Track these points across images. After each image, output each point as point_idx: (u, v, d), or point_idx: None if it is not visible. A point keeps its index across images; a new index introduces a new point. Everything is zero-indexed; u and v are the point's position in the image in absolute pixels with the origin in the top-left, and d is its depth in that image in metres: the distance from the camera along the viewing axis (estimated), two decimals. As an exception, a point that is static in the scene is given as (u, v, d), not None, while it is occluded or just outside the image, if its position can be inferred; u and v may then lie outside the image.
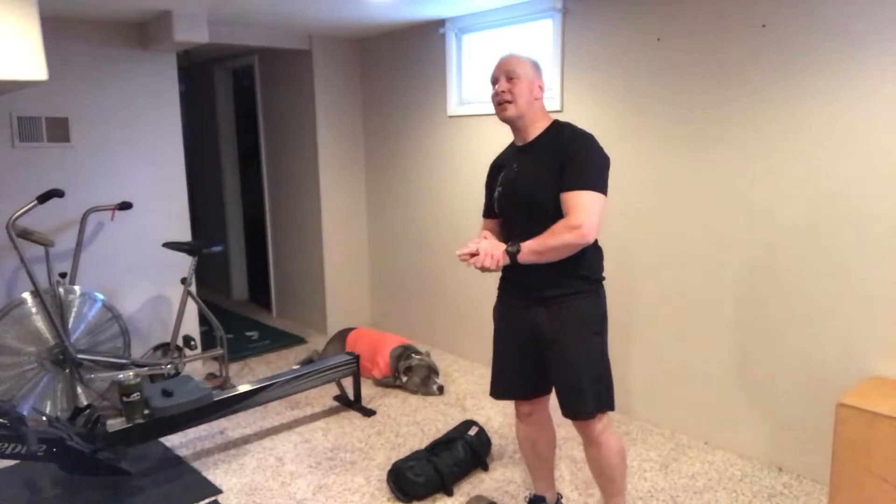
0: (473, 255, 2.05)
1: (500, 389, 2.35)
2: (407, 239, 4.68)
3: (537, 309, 2.16)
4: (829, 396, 2.65)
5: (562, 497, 2.62)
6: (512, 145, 2.29)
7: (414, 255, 4.64)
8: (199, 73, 5.87)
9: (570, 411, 2.17)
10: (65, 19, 3.64)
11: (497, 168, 2.32)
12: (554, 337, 2.14)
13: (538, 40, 3.66)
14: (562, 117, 3.49)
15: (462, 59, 4.09)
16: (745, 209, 2.88)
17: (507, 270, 2.20)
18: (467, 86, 4.10)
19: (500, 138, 3.90)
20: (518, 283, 2.22)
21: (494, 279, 2.36)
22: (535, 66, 2.18)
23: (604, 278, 2.22)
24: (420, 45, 4.29)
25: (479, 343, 4.24)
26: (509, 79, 2.12)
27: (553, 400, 2.28)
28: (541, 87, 2.18)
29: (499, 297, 2.35)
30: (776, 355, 2.86)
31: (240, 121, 5.82)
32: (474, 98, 4.05)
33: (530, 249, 2.05)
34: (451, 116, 4.17)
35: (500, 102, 2.14)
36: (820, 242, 2.67)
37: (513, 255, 2.05)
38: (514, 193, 2.18)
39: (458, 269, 4.28)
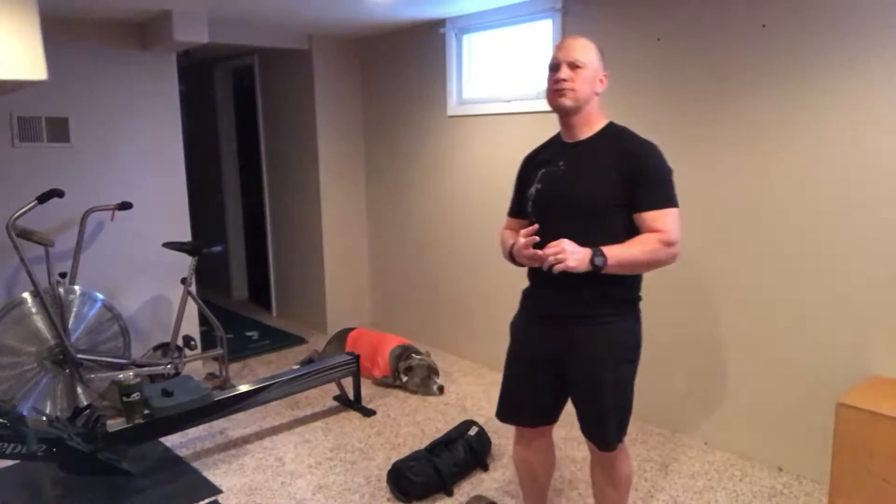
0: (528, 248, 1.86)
1: (506, 412, 2.17)
2: (407, 239, 4.68)
3: (566, 330, 1.98)
4: (829, 396, 2.65)
5: None
6: (556, 141, 2.08)
7: (414, 255, 4.64)
8: (199, 73, 5.87)
9: (591, 437, 2.05)
10: (65, 19, 3.64)
11: (535, 163, 2.08)
12: (583, 361, 1.97)
13: (538, 40, 3.66)
14: (562, 117, 3.53)
15: (462, 59, 4.08)
16: (745, 209, 2.88)
17: (533, 284, 2.07)
18: (467, 86, 4.10)
19: (499, 138, 3.93)
20: (546, 301, 2.02)
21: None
22: (601, 55, 1.97)
23: (640, 297, 2.04)
24: (420, 45, 4.29)
25: (479, 343, 4.24)
26: (573, 67, 1.91)
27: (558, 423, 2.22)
28: (603, 79, 1.98)
29: (519, 313, 2.14)
30: (776, 355, 2.85)
31: (240, 121, 5.81)
32: (474, 98, 4.05)
33: (617, 262, 1.81)
34: (451, 116, 4.17)
35: (559, 90, 1.93)
36: (820, 242, 2.67)
37: (599, 267, 1.79)
38: (557, 193, 1.97)
39: (458, 269, 4.29)
